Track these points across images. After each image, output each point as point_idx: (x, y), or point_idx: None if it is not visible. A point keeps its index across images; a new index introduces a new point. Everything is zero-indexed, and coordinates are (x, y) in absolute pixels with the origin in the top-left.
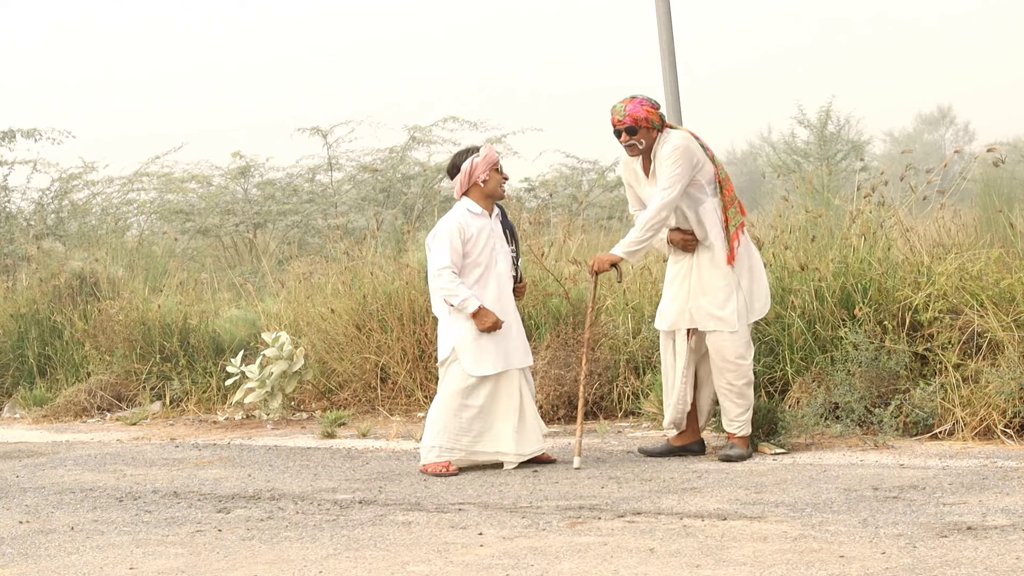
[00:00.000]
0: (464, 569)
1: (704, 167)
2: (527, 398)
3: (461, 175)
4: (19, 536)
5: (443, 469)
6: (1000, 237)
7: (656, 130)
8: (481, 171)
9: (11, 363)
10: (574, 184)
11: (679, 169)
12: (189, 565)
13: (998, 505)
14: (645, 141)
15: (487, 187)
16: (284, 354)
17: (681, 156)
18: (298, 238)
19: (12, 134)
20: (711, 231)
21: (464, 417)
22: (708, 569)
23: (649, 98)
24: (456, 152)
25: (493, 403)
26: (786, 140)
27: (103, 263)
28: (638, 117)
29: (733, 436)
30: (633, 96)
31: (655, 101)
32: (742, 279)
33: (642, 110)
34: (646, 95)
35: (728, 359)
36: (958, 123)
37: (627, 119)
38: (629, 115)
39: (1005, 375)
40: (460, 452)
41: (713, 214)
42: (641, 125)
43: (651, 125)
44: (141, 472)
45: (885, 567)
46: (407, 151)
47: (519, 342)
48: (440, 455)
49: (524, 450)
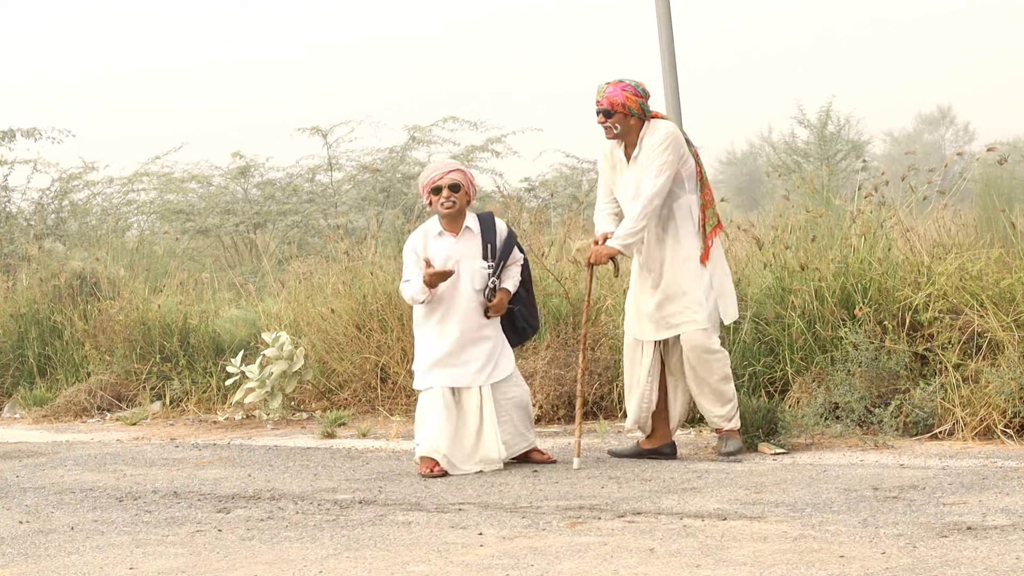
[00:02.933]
0: (464, 569)
1: (688, 162)
2: (488, 419)
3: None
4: (19, 536)
5: (430, 469)
6: (1000, 237)
7: (634, 117)
8: (424, 195)
9: (11, 363)
10: (574, 184)
11: (669, 156)
12: (189, 565)
13: (998, 505)
14: (620, 127)
15: (433, 209)
16: (284, 354)
17: (671, 144)
18: (298, 238)
19: (12, 134)
20: (682, 228)
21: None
22: (708, 569)
23: (636, 84)
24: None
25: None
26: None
27: (103, 263)
28: (615, 101)
29: (722, 430)
30: (620, 80)
31: (642, 89)
32: (713, 279)
33: (621, 95)
34: (635, 81)
35: (700, 355)
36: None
37: (604, 101)
38: (607, 97)
39: (1005, 375)
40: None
41: (687, 211)
42: (616, 110)
43: (627, 111)
44: (141, 472)
45: (885, 567)
46: (407, 151)
47: (481, 360)
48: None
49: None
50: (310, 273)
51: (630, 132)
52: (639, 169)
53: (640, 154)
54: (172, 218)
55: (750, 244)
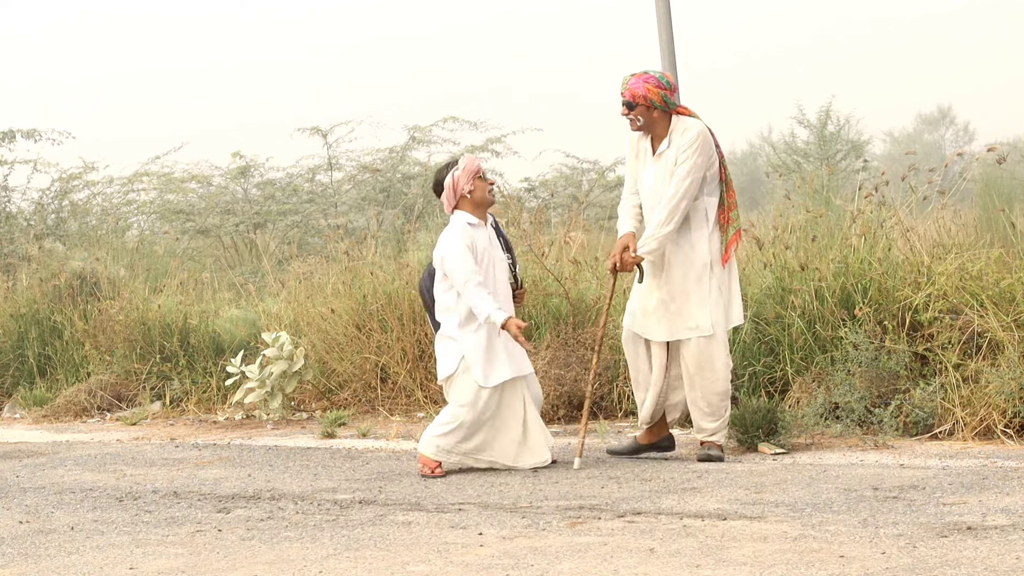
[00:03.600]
0: (464, 569)
1: (714, 164)
2: (531, 408)
3: (446, 191)
4: (19, 536)
5: (431, 470)
6: (1000, 237)
7: (657, 110)
8: (464, 182)
9: (11, 363)
10: (574, 184)
11: (698, 158)
12: (189, 565)
13: (998, 505)
14: (643, 119)
15: (474, 196)
16: (284, 354)
17: (700, 146)
18: (298, 238)
19: (12, 134)
20: (695, 231)
21: (470, 428)
22: (708, 569)
23: (660, 76)
24: (437, 170)
25: (499, 415)
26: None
27: (103, 263)
28: (636, 94)
29: (705, 443)
30: (645, 71)
31: (666, 81)
32: (723, 285)
33: (643, 87)
34: (660, 73)
35: (704, 368)
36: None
37: (626, 93)
38: (629, 89)
39: (1005, 375)
40: (456, 457)
41: (703, 214)
42: (638, 102)
43: (649, 104)
44: (141, 472)
45: (885, 567)
46: (407, 151)
47: (520, 349)
48: (436, 454)
49: (522, 463)
50: (310, 273)
51: (654, 124)
52: (664, 165)
53: (668, 150)
54: (172, 218)
55: (750, 244)
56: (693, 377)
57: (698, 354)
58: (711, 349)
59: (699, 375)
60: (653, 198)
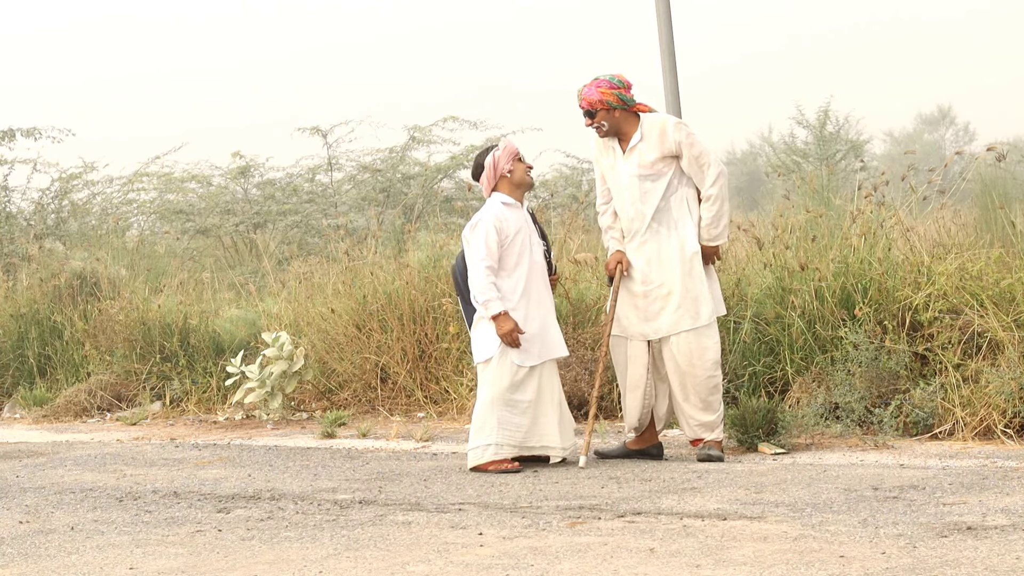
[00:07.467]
0: (464, 569)
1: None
2: (561, 391)
3: (487, 171)
4: (19, 536)
5: (508, 466)
6: (1000, 237)
7: (618, 110)
8: (504, 163)
9: (11, 363)
10: (574, 184)
11: (696, 137)
12: (189, 565)
13: (998, 505)
14: (608, 123)
15: (514, 177)
16: (284, 354)
17: (689, 133)
18: (298, 238)
19: (12, 133)
20: (679, 221)
21: (515, 412)
22: (708, 569)
23: (611, 77)
24: (477, 153)
25: (539, 397)
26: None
27: (103, 263)
28: (592, 100)
29: (700, 440)
30: (595, 78)
31: (618, 80)
32: (708, 275)
33: (596, 93)
34: (609, 75)
35: (695, 363)
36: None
37: (583, 103)
38: (584, 99)
39: (1005, 375)
40: (515, 449)
41: (686, 205)
42: (597, 108)
43: (607, 106)
44: (141, 472)
45: (885, 567)
46: (407, 151)
47: (556, 332)
48: (498, 452)
49: (566, 443)
50: (310, 273)
51: (620, 124)
52: (637, 158)
53: (640, 144)
54: (172, 218)
55: (750, 244)
56: (684, 375)
57: (688, 349)
58: (702, 341)
59: (690, 371)
60: (629, 192)
